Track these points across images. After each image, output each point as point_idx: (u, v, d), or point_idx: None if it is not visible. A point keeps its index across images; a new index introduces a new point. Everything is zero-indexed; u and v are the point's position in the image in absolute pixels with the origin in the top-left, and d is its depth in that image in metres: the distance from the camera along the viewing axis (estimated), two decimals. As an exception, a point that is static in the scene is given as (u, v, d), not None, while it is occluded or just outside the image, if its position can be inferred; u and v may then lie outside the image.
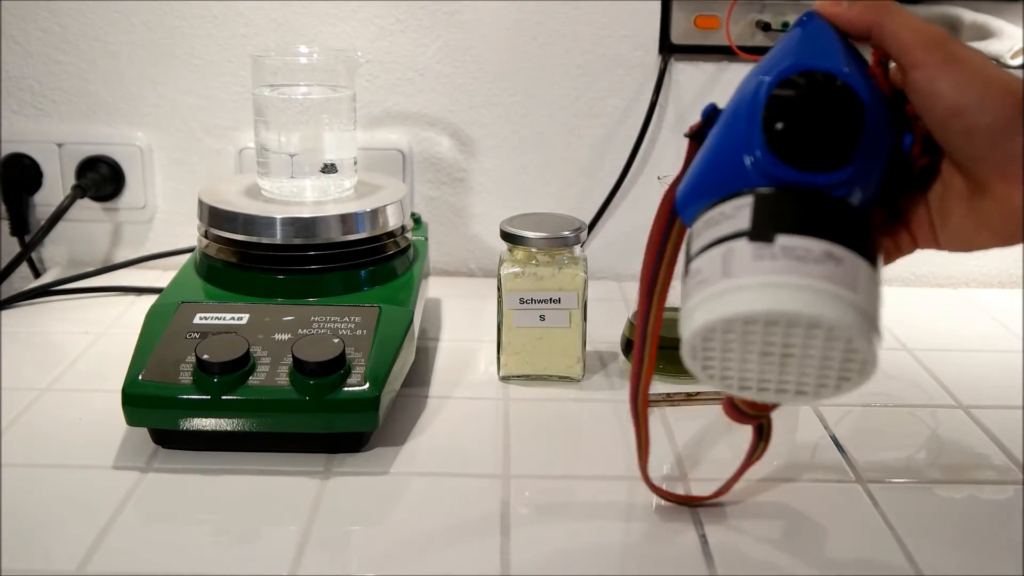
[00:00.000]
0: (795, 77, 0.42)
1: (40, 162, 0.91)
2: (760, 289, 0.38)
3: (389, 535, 0.52)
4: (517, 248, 0.68)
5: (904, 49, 0.45)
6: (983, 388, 0.71)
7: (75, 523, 0.52)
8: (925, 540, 0.52)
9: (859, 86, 0.42)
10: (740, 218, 0.40)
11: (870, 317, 0.39)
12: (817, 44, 0.46)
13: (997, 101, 0.43)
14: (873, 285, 0.40)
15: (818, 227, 0.39)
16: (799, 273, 0.38)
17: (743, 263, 0.39)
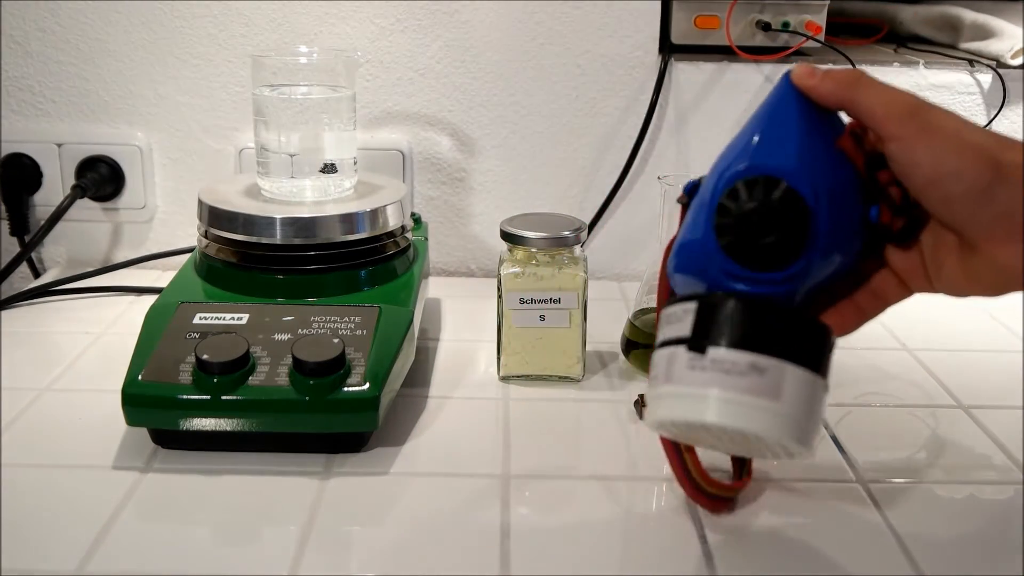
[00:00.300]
0: (742, 184, 0.45)
1: (40, 162, 0.91)
2: (689, 399, 0.44)
3: (389, 535, 0.52)
4: (517, 248, 0.68)
5: (878, 122, 0.46)
6: (983, 388, 0.71)
7: (75, 523, 0.52)
8: (925, 540, 0.52)
9: (807, 188, 0.44)
10: (685, 323, 0.45)
11: (792, 417, 0.43)
12: (781, 127, 0.47)
13: (972, 168, 0.44)
14: (802, 385, 0.44)
15: (747, 340, 0.43)
16: (722, 386, 0.43)
17: (680, 371, 0.44)
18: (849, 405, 0.69)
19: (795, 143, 0.46)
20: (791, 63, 0.90)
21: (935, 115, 0.45)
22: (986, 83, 0.92)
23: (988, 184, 0.43)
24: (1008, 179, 0.43)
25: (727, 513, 0.54)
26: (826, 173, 0.46)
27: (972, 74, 0.92)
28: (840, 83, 0.47)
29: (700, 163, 0.92)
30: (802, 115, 0.47)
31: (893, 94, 0.46)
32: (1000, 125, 0.93)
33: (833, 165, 0.46)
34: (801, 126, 0.47)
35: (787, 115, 0.47)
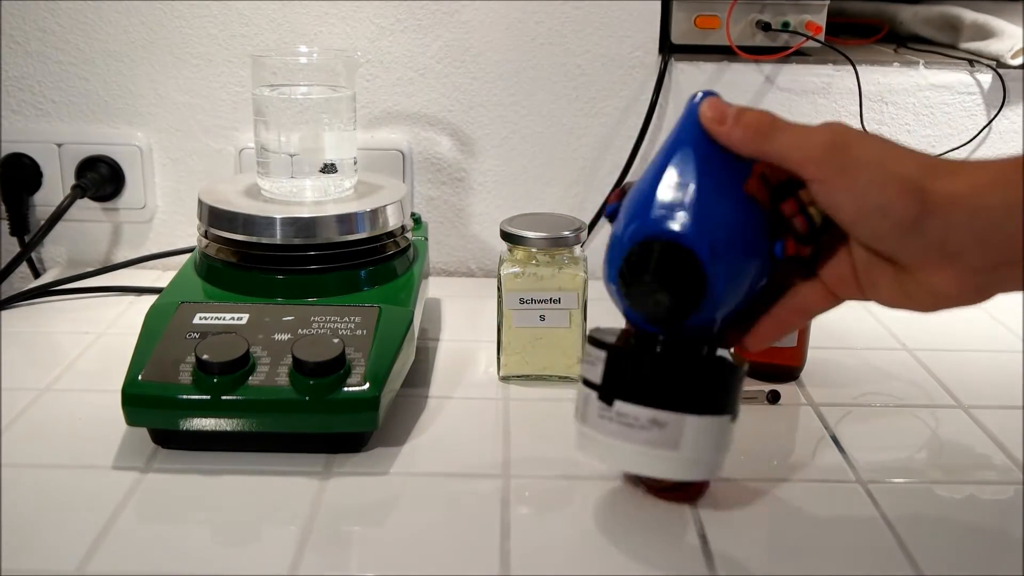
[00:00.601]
0: (640, 248, 0.47)
1: (40, 162, 0.91)
2: (601, 446, 0.49)
3: (389, 535, 0.52)
4: (517, 248, 0.68)
5: (796, 167, 0.45)
6: (983, 388, 0.71)
7: (75, 523, 0.52)
8: (925, 540, 0.52)
9: (703, 248, 0.46)
10: (597, 370, 0.49)
11: (692, 461, 0.48)
12: (683, 180, 0.47)
13: (897, 203, 0.42)
14: (701, 432, 0.47)
15: (648, 397, 0.47)
16: (626, 438, 0.47)
17: (593, 417, 0.49)
18: (849, 405, 0.69)
19: (695, 201, 0.46)
20: (791, 63, 0.90)
21: (856, 150, 0.44)
22: (986, 83, 0.92)
23: (915, 217, 0.42)
24: (936, 210, 0.42)
25: (700, 497, 0.55)
26: (727, 224, 0.46)
27: (972, 74, 0.92)
28: (751, 131, 0.45)
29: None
30: (705, 165, 0.47)
31: (807, 136, 0.45)
32: (1000, 125, 0.93)
33: (735, 213, 0.47)
34: (703, 181, 0.47)
35: (689, 165, 0.47)
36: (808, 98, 0.91)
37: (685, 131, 0.48)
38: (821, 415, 0.67)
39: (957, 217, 0.42)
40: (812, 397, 0.69)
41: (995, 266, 0.43)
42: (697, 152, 0.47)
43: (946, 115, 0.93)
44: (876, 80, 0.91)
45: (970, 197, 0.42)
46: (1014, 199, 0.41)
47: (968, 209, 0.42)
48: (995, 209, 0.41)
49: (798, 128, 0.45)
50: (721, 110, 0.46)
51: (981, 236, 0.42)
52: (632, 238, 0.47)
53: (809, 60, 0.91)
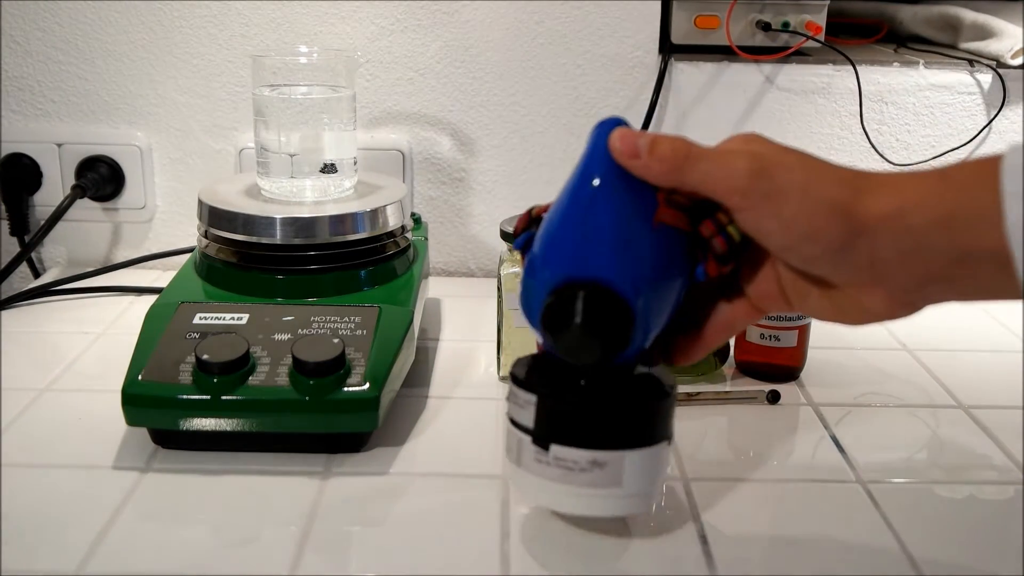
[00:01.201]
0: (562, 294, 0.45)
1: (40, 162, 0.91)
2: (540, 490, 0.48)
3: (389, 535, 0.52)
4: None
5: (719, 197, 0.43)
6: (983, 388, 0.71)
7: (75, 523, 0.52)
8: (925, 540, 0.52)
9: (628, 288, 0.44)
10: (528, 414, 0.48)
11: (636, 494, 0.48)
12: (598, 221, 0.45)
13: (825, 228, 0.41)
14: (642, 464, 0.47)
15: (585, 439, 0.47)
16: (567, 481, 0.47)
17: (529, 461, 0.48)
18: (849, 405, 0.69)
19: (611, 242, 0.45)
20: (791, 63, 0.90)
21: (779, 175, 0.42)
22: (986, 83, 0.92)
23: (843, 241, 0.41)
24: (864, 231, 0.41)
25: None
26: (646, 258, 0.45)
27: (972, 74, 0.92)
28: (668, 164, 0.43)
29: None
30: (618, 201, 0.45)
31: (727, 162, 0.43)
32: (1000, 125, 0.93)
33: (652, 244, 0.45)
34: (618, 219, 0.45)
35: (602, 204, 0.45)
36: (808, 98, 0.91)
37: (594, 162, 0.45)
38: (821, 415, 0.67)
39: (884, 238, 0.41)
40: (812, 397, 0.69)
41: (922, 283, 0.42)
42: (608, 186, 0.45)
43: (946, 115, 0.93)
44: (876, 80, 0.91)
45: (896, 217, 0.41)
46: (939, 215, 0.40)
47: (894, 229, 0.41)
48: (921, 228, 0.40)
49: (716, 155, 0.44)
50: (632, 142, 0.44)
51: (907, 255, 0.41)
52: (552, 284, 0.45)
53: (809, 60, 0.91)
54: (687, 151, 0.43)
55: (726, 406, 0.68)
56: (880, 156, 0.93)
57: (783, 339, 0.70)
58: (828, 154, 0.93)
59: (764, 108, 0.91)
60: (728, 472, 0.59)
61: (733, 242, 0.45)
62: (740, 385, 0.71)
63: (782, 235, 0.42)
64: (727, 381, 0.72)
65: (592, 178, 0.45)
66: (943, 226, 0.40)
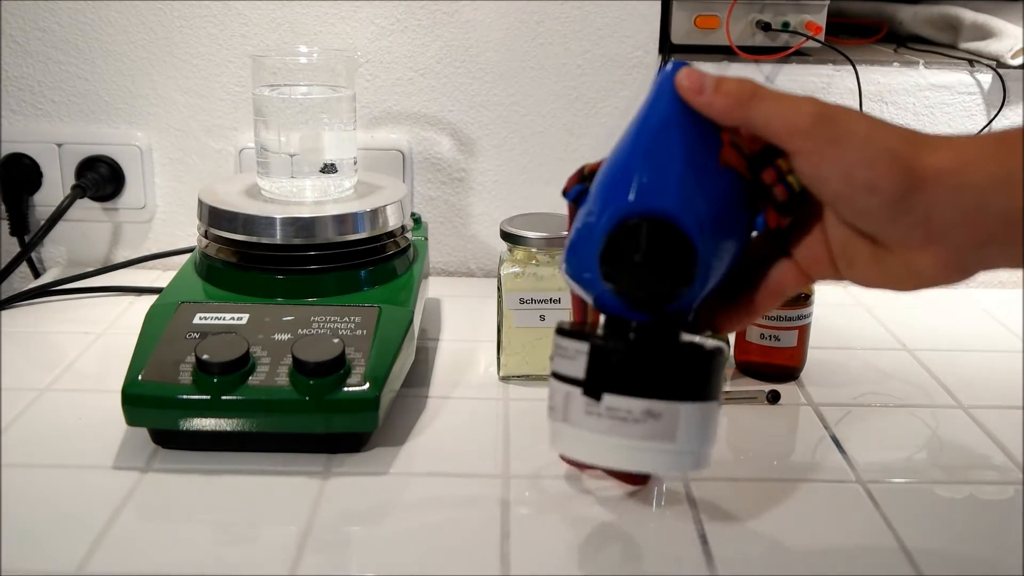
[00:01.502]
0: (626, 228, 0.43)
1: (40, 162, 0.91)
2: (590, 444, 0.45)
3: (389, 535, 0.52)
4: (517, 248, 0.68)
5: (780, 138, 0.43)
6: (983, 388, 0.71)
7: (75, 523, 0.52)
8: (925, 540, 0.52)
9: (692, 226, 0.43)
10: (579, 364, 0.45)
11: (688, 452, 0.45)
12: (663, 154, 0.44)
13: (886, 179, 0.41)
14: (695, 419, 0.45)
15: (639, 387, 0.44)
16: (619, 433, 0.44)
17: (578, 415, 0.45)
18: (849, 405, 0.69)
19: (677, 175, 0.44)
20: (791, 63, 0.90)
21: (843, 121, 0.42)
22: (986, 83, 0.92)
23: (903, 194, 0.41)
24: (923, 186, 0.41)
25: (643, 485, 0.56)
26: (711, 199, 0.44)
27: (972, 74, 0.92)
28: (733, 99, 0.43)
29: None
30: (685, 138, 0.45)
31: (793, 104, 0.43)
32: (1000, 125, 0.93)
33: (716, 185, 0.45)
34: (684, 154, 0.44)
35: (669, 139, 0.45)
36: (808, 98, 0.91)
37: (659, 103, 0.45)
38: (821, 415, 0.67)
39: (942, 194, 0.41)
40: (812, 397, 0.69)
41: (979, 244, 0.41)
42: (673, 124, 0.45)
43: (946, 115, 0.93)
44: (876, 80, 0.91)
45: (955, 173, 0.41)
46: (999, 174, 0.40)
47: (953, 185, 0.40)
48: (980, 186, 0.40)
49: (782, 97, 0.43)
50: (699, 79, 0.44)
51: (966, 213, 0.41)
52: (613, 219, 0.44)
53: (809, 60, 0.91)
54: (752, 89, 0.44)
55: (726, 406, 0.68)
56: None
57: (783, 339, 0.70)
58: (828, 154, 0.93)
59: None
60: (728, 472, 0.59)
61: (793, 191, 0.45)
62: (740, 385, 0.71)
63: (841, 182, 0.42)
64: (727, 381, 0.72)
65: (657, 115, 0.45)
66: (1002, 185, 0.40)
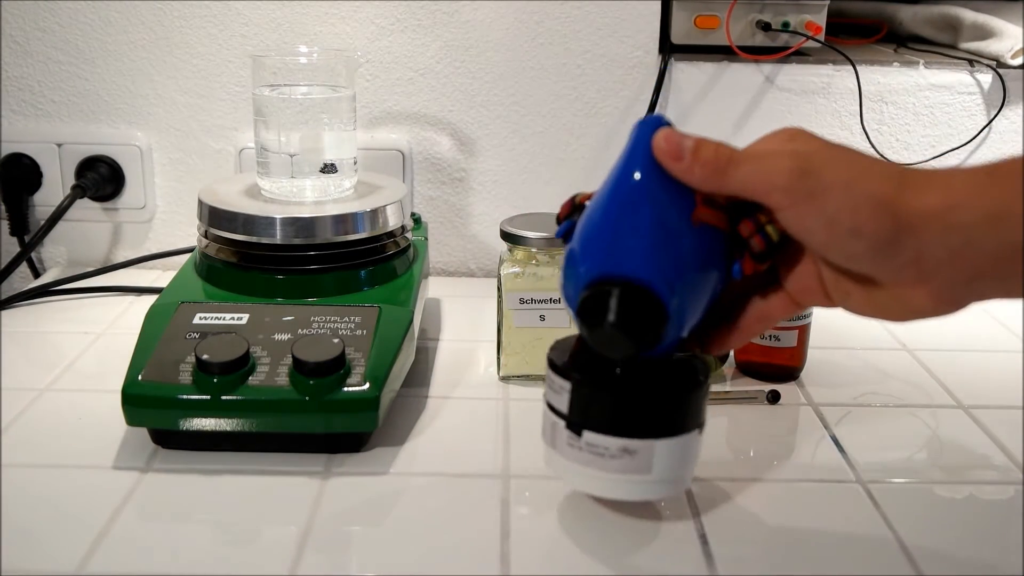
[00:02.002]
0: (597, 290, 0.45)
1: (40, 162, 0.91)
2: (572, 473, 0.50)
3: (389, 535, 0.52)
4: (517, 248, 0.68)
5: (761, 198, 0.43)
6: (983, 388, 0.71)
7: (75, 523, 0.52)
8: (925, 540, 0.52)
9: (663, 287, 0.44)
10: (563, 399, 0.49)
11: (664, 481, 0.49)
12: (636, 219, 0.45)
13: (871, 225, 0.41)
14: (671, 452, 0.48)
15: (616, 427, 0.48)
16: (598, 466, 0.49)
17: (562, 445, 0.50)
18: (849, 405, 0.69)
19: (650, 241, 0.45)
20: (791, 63, 0.90)
21: (822, 171, 0.42)
22: (986, 83, 0.92)
23: (890, 238, 0.40)
24: (911, 228, 0.40)
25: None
26: (683, 260, 0.45)
27: (972, 74, 0.92)
28: (711, 167, 0.43)
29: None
30: (659, 199, 0.45)
31: (770, 163, 0.43)
32: (1000, 125, 0.93)
33: (689, 243, 0.45)
34: (658, 217, 0.45)
35: (643, 201, 0.45)
36: (808, 98, 0.91)
37: (635, 159, 0.46)
38: (821, 415, 0.67)
39: (931, 235, 0.40)
40: (812, 397, 0.69)
41: (970, 280, 0.41)
42: (647, 185, 0.46)
43: (946, 115, 0.93)
44: (876, 80, 0.91)
45: (944, 213, 0.40)
46: (988, 211, 0.40)
47: (942, 226, 0.40)
48: (969, 224, 0.40)
49: (758, 156, 0.43)
50: (676, 144, 0.44)
51: (956, 252, 0.40)
52: (589, 278, 0.46)
53: (809, 60, 0.91)
54: (729, 155, 0.43)
55: (726, 406, 0.68)
56: (880, 156, 0.93)
57: (783, 339, 0.70)
58: (828, 154, 0.93)
59: (764, 108, 0.91)
60: (728, 472, 0.59)
61: (771, 241, 0.45)
62: (740, 385, 0.71)
63: (826, 232, 0.42)
64: (727, 381, 0.72)
65: (632, 175, 0.46)
66: (992, 223, 0.40)
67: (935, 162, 0.93)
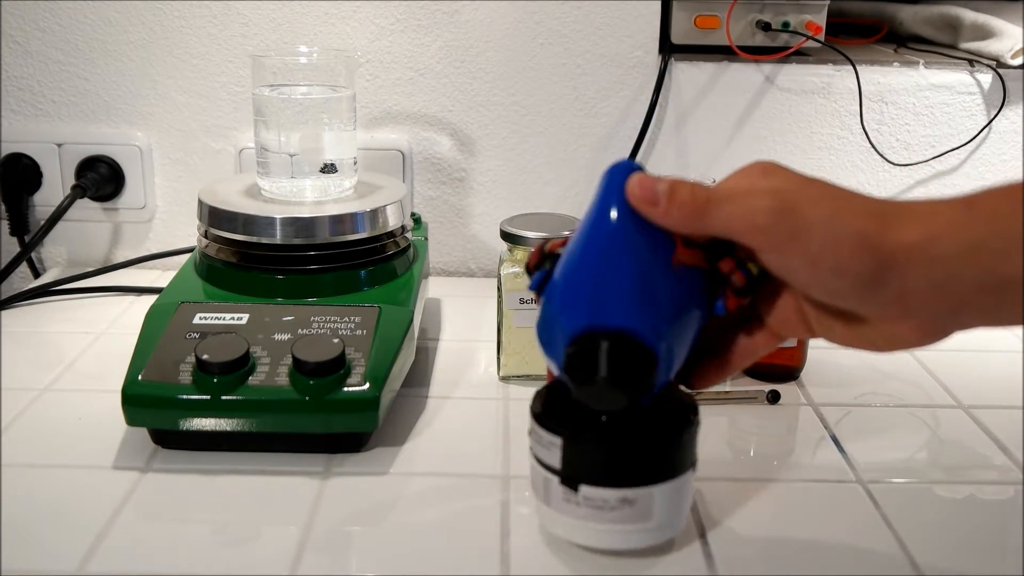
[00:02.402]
0: (584, 344, 0.44)
1: (40, 162, 0.91)
2: (570, 528, 0.49)
3: (389, 535, 0.52)
4: (517, 248, 0.68)
5: (742, 238, 0.43)
6: (983, 388, 0.71)
7: (75, 523, 0.52)
8: (925, 540, 0.52)
9: (649, 335, 0.43)
10: (554, 454, 0.48)
11: (665, 524, 0.49)
12: (617, 270, 0.44)
13: (854, 263, 0.40)
14: (669, 495, 0.48)
15: (613, 479, 0.47)
16: (598, 519, 0.48)
17: (557, 501, 0.48)
18: (849, 405, 0.69)
19: (632, 289, 0.44)
20: (791, 63, 0.90)
21: (802, 210, 0.41)
22: (986, 83, 0.92)
23: (872, 274, 0.40)
24: (893, 263, 0.40)
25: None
26: (667, 303, 0.44)
27: (972, 74, 0.92)
28: (689, 210, 0.43)
29: (699, 163, 0.92)
30: (637, 246, 0.44)
31: (748, 203, 0.42)
32: (1000, 125, 0.93)
33: (673, 287, 0.45)
34: (638, 264, 0.44)
35: (621, 249, 0.44)
36: (808, 98, 0.91)
37: (609, 206, 0.45)
38: (821, 415, 0.67)
39: (914, 269, 0.40)
40: (812, 397, 0.69)
41: (953, 311, 0.41)
42: (625, 231, 0.44)
43: (946, 115, 0.93)
44: (876, 80, 0.91)
45: (925, 246, 0.40)
46: (968, 243, 0.39)
47: (924, 258, 0.40)
48: (949, 256, 0.40)
49: (735, 195, 0.42)
50: (651, 190, 0.43)
51: (938, 285, 0.40)
52: (572, 332, 0.44)
53: (809, 60, 0.91)
54: (706, 196, 0.43)
55: (726, 406, 0.68)
56: (880, 156, 0.93)
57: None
58: (828, 154, 0.93)
59: (764, 108, 0.91)
60: (728, 472, 0.59)
61: (752, 276, 0.45)
62: (740, 385, 0.71)
63: (808, 272, 0.42)
64: (727, 381, 0.72)
65: (608, 223, 0.45)
66: (972, 254, 0.39)
67: (935, 162, 0.94)
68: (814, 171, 0.92)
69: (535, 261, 0.49)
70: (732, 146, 0.92)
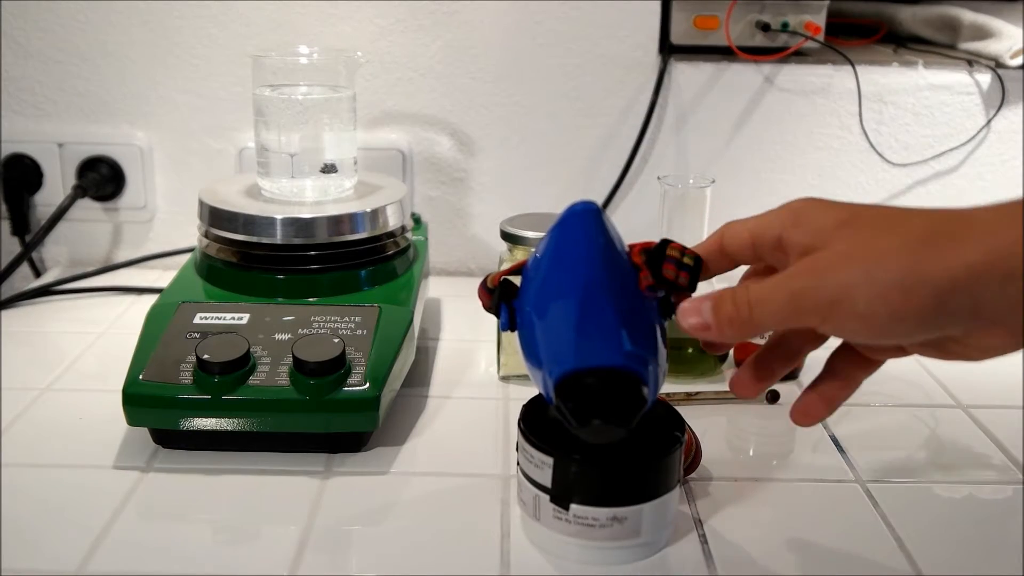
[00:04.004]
0: (572, 387, 0.44)
1: (41, 162, 0.91)
2: (559, 544, 0.49)
3: (389, 535, 0.52)
4: (517, 248, 0.68)
5: (795, 325, 0.43)
6: (983, 388, 0.71)
7: (75, 523, 0.52)
8: (925, 540, 0.52)
9: (638, 365, 0.44)
10: (545, 473, 0.48)
11: (653, 540, 0.50)
12: (595, 301, 0.45)
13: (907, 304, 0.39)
14: (657, 511, 0.49)
15: (603, 498, 0.48)
16: (587, 537, 0.48)
17: (548, 518, 0.49)
18: (849, 405, 0.68)
19: (613, 326, 0.45)
20: (790, 63, 0.90)
21: (835, 275, 0.40)
22: (985, 83, 0.92)
23: (934, 307, 0.39)
24: (954, 288, 0.39)
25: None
26: (644, 327, 0.45)
27: (971, 74, 0.92)
28: (739, 325, 0.43)
29: (699, 163, 0.92)
30: (610, 289, 0.45)
31: (786, 292, 0.41)
32: (999, 125, 0.93)
33: (645, 312, 0.46)
34: (615, 303, 0.45)
35: (598, 293, 0.45)
36: (807, 98, 0.92)
37: (579, 248, 0.46)
38: (821, 415, 0.67)
39: (986, 288, 0.39)
40: (812, 397, 0.69)
41: None
42: (597, 272, 0.46)
43: (945, 115, 0.93)
44: (875, 80, 0.91)
45: (995, 264, 0.38)
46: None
47: (996, 278, 0.38)
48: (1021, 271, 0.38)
49: (771, 288, 0.42)
50: (700, 315, 0.44)
51: (1016, 300, 0.39)
52: (561, 376, 0.44)
53: (808, 60, 0.91)
54: (748, 301, 0.42)
55: (726, 406, 0.68)
56: (879, 156, 0.93)
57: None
58: (827, 154, 0.93)
59: (764, 108, 0.91)
60: (728, 472, 0.59)
61: (692, 269, 0.46)
62: (740, 385, 0.71)
63: (869, 329, 0.41)
64: (727, 381, 0.72)
65: (578, 266, 0.46)
66: None
67: (934, 162, 0.94)
68: (814, 171, 0.93)
69: (488, 302, 0.50)
70: (732, 146, 0.92)
